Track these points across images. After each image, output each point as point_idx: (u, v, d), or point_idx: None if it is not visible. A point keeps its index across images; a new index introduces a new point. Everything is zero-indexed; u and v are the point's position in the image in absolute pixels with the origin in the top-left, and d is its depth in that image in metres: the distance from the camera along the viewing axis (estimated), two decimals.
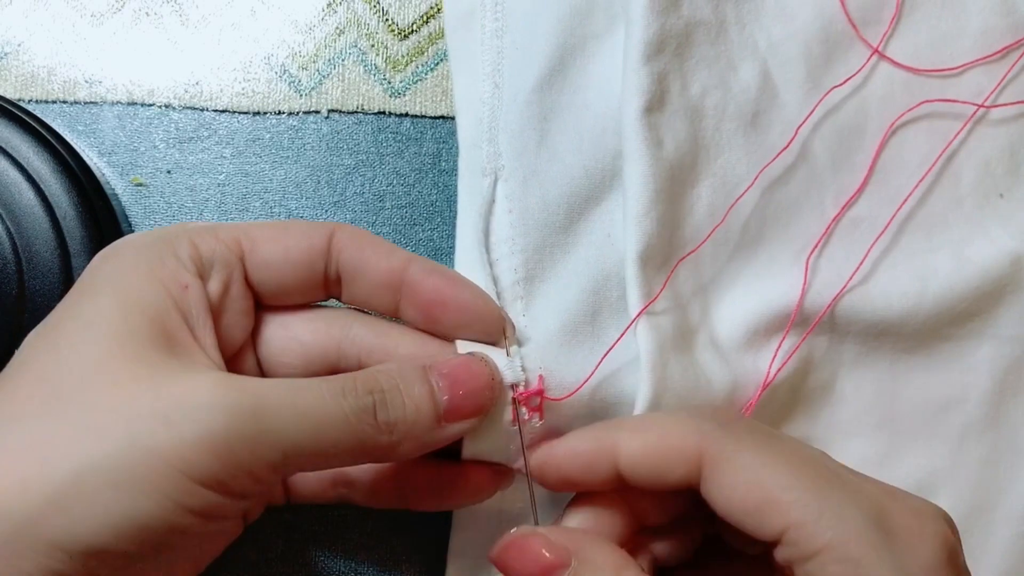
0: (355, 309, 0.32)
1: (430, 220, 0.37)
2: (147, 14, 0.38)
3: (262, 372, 0.30)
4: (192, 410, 0.23)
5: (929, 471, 0.35)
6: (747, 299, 0.34)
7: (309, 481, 0.32)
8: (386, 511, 0.35)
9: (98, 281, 0.27)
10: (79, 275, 0.32)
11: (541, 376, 0.30)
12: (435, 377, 0.27)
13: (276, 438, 0.24)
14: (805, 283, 0.34)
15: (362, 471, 0.31)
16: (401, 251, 0.30)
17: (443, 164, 0.37)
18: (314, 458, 0.25)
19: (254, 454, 0.24)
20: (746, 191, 0.34)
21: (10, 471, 0.23)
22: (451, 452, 0.30)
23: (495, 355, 0.30)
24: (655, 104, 0.33)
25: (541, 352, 0.31)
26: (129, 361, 0.24)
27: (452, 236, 0.37)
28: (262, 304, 0.30)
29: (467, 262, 0.34)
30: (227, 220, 0.37)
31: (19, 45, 0.37)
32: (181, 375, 0.24)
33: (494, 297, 0.32)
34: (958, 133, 0.36)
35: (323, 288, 0.30)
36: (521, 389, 0.29)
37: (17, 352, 0.26)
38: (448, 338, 0.30)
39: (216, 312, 0.28)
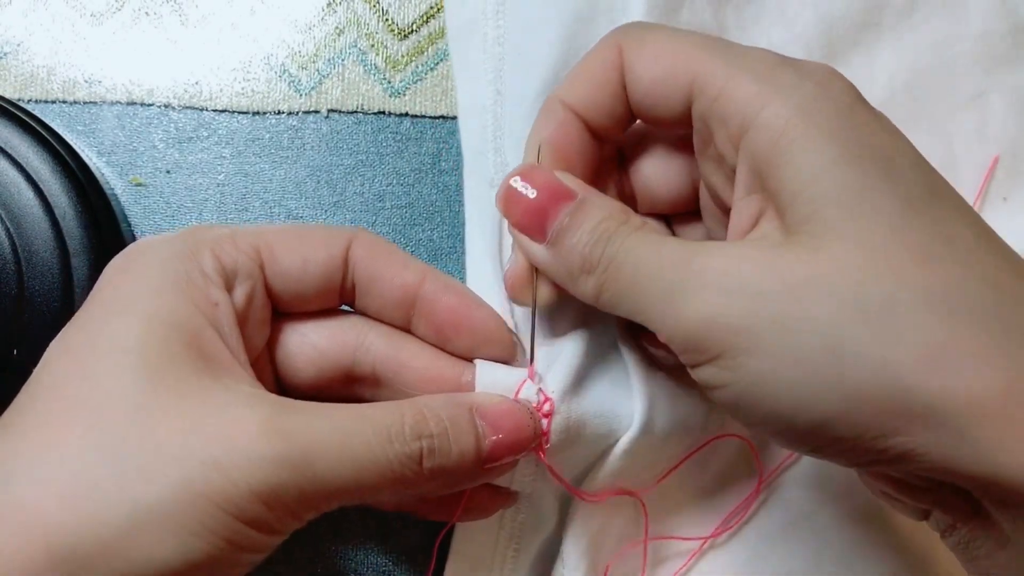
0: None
1: (430, 220, 0.37)
2: (147, 14, 0.38)
3: (277, 376, 0.30)
4: (243, 459, 0.23)
5: None
6: None
7: None
8: (386, 511, 0.35)
9: (125, 298, 0.26)
10: (78, 275, 0.32)
11: (552, 400, 0.29)
12: (481, 421, 0.27)
13: (323, 486, 0.24)
14: None
15: None
16: (416, 264, 0.30)
17: (443, 164, 0.37)
18: (354, 497, 0.26)
19: (301, 502, 0.24)
20: None
21: (67, 511, 0.23)
22: None
23: (511, 376, 0.30)
24: None
25: (553, 370, 0.30)
26: (173, 392, 0.24)
27: (452, 236, 0.37)
28: (278, 311, 0.30)
29: (479, 276, 0.33)
30: (226, 220, 0.37)
31: (19, 45, 0.37)
32: (228, 409, 0.24)
33: (508, 314, 0.32)
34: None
35: (339, 296, 0.30)
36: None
37: (40, 368, 0.25)
38: (459, 356, 0.30)
39: (241, 324, 0.28)
